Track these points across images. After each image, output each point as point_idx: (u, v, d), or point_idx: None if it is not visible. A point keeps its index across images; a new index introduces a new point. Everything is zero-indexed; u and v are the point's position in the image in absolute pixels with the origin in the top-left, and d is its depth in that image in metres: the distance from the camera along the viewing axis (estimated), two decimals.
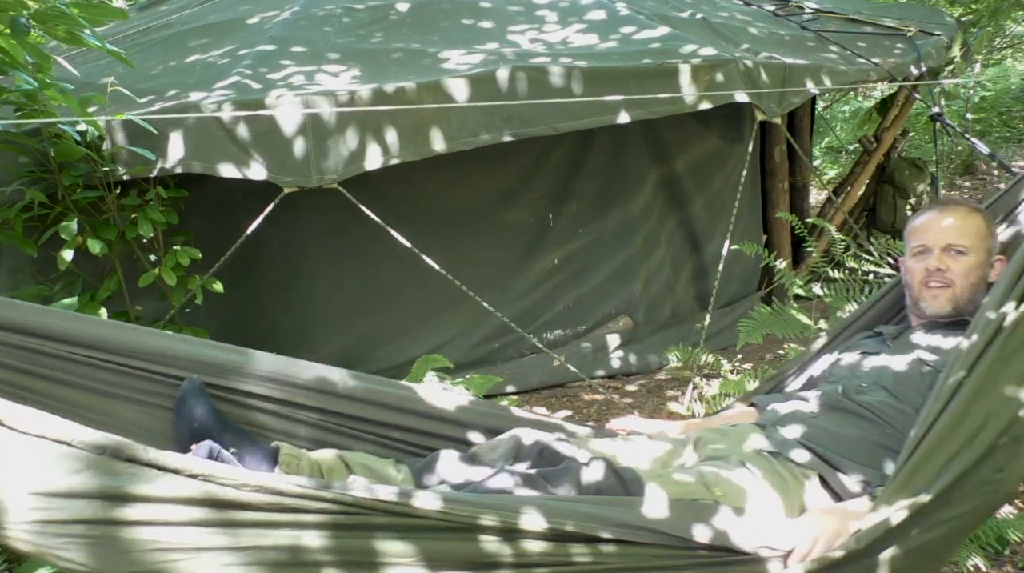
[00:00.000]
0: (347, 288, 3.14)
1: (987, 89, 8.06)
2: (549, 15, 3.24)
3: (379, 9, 3.18)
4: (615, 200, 3.48)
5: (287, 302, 3.10)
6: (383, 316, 3.21)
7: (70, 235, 2.23)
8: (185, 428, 1.41)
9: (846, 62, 3.34)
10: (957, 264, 1.59)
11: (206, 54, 2.89)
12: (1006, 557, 2.23)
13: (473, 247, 3.25)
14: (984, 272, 1.60)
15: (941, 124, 3.57)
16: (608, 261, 3.52)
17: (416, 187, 3.05)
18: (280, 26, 3.01)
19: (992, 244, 1.62)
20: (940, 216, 1.64)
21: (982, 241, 1.60)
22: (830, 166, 8.04)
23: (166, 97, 2.45)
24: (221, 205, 2.81)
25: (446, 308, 3.21)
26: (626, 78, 2.68)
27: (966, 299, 1.59)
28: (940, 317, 1.62)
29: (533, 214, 3.37)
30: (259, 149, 2.33)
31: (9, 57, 1.90)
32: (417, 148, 2.45)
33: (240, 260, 2.49)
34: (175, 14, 3.57)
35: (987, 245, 1.61)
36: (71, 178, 2.27)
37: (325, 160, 2.36)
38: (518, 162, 3.26)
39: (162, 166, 2.31)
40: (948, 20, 4.15)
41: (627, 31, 3.08)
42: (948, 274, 1.59)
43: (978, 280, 1.59)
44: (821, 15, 3.99)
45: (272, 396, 1.55)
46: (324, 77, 2.55)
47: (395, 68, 2.66)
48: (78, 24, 1.88)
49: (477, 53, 2.77)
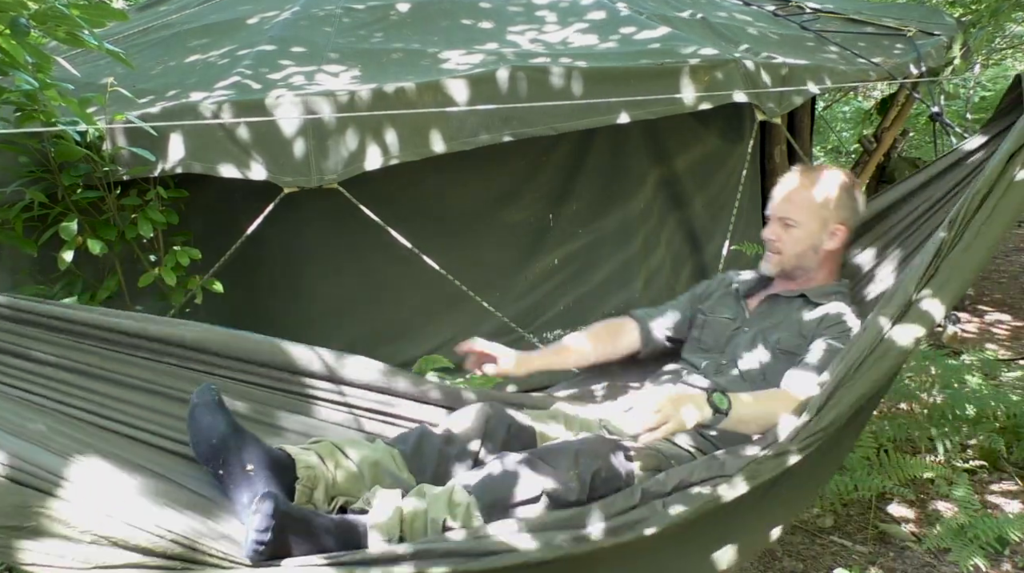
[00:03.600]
0: (347, 288, 3.14)
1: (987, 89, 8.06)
2: (549, 15, 3.24)
3: (379, 9, 3.18)
4: (615, 200, 3.48)
5: (287, 302, 3.10)
6: (383, 316, 3.21)
7: (70, 235, 2.23)
8: (204, 444, 1.39)
9: (846, 62, 3.34)
10: (787, 235, 1.80)
11: (206, 54, 2.89)
12: (1006, 557, 2.23)
13: (473, 247, 3.25)
14: (816, 241, 1.78)
15: (941, 124, 3.56)
16: (608, 261, 3.51)
17: (416, 187, 3.05)
18: (280, 26, 3.01)
19: (828, 214, 1.78)
20: (780, 189, 1.85)
21: (813, 213, 1.78)
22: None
23: (166, 97, 2.45)
24: (221, 205, 2.81)
25: (446, 308, 3.21)
26: (626, 78, 2.68)
27: (792, 266, 1.80)
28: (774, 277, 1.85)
29: (533, 214, 3.37)
30: (259, 149, 2.33)
31: (9, 57, 1.90)
32: (417, 148, 2.45)
33: (240, 260, 2.49)
34: (175, 14, 3.57)
35: (821, 215, 1.78)
36: (71, 178, 2.27)
37: (325, 160, 2.36)
38: (518, 162, 3.26)
39: (162, 166, 2.31)
40: (948, 20, 4.15)
41: (627, 31, 3.07)
42: (778, 243, 1.81)
43: (807, 249, 1.79)
44: (821, 15, 3.99)
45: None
46: (324, 77, 2.55)
47: (395, 68, 2.66)
48: (78, 25, 1.87)
49: (477, 53, 2.77)
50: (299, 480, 1.42)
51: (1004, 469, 2.72)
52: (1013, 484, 2.65)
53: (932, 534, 2.27)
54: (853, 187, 1.83)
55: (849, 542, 2.40)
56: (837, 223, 1.79)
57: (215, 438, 1.38)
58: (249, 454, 1.40)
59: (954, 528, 2.24)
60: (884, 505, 2.58)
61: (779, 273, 1.83)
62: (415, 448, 1.57)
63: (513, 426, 1.66)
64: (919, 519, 2.49)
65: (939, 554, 2.28)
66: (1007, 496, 2.58)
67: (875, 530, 2.43)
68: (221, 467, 1.38)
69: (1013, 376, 3.38)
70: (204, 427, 1.40)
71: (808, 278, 1.83)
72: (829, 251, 1.81)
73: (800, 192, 1.80)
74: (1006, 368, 3.49)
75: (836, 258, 1.85)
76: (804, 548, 2.38)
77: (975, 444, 2.79)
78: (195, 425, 1.40)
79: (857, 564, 2.27)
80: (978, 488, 2.58)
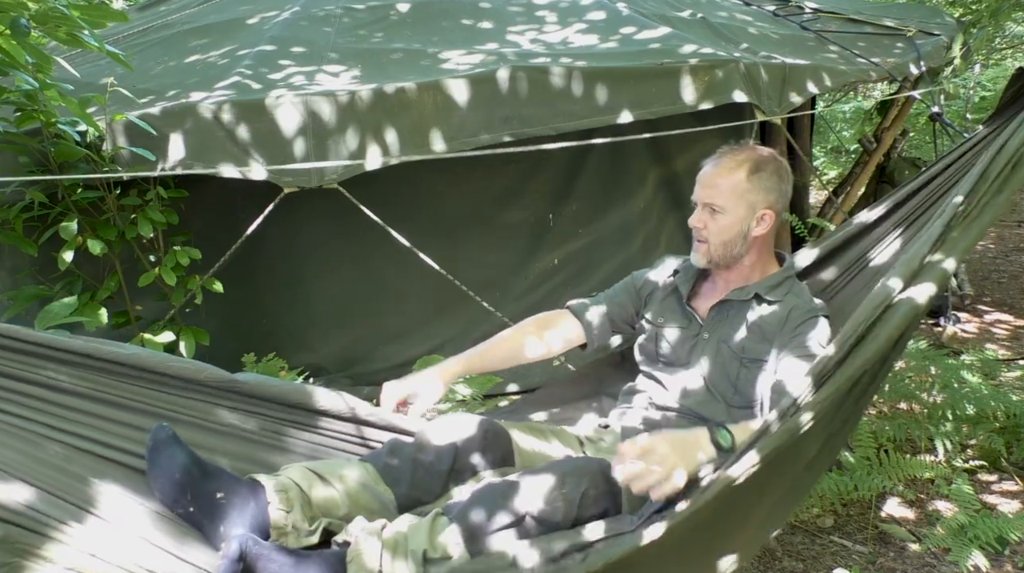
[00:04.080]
0: (347, 288, 3.15)
1: (987, 89, 8.06)
2: (549, 15, 3.24)
3: (379, 9, 3.18)
4: (615, 200, 3.48)
5: (287, 302, 3.10)
6: (383, 316, 3.21)
7: (70, 235, 2.23)
8: (167, 483, 1.33)
9: (846, 62, 3.34)
10: (713, 222, 1.67)
11: (206, 54, 2.90)
12: (1006, 557, 2.23)
13: (473, 247, 3.25)
14: (743, 227, 1.65)
15: (941, 124, 3.57)
16: (608, 261, 3.52)
17: (416, 187, 3.05)
18: (280, 26, 3.01)
19: (754, 199, 1.65)
20: (705, 172, 1.71)
21: (739, 198, 1.64)
22: (830, 166, 8.05)
23: (166, 97, 2.45)
24: (221, 205, 2.82)
25: (446, 308, 3.21)
26: (626, 78, 2.68)
27: (719, 254, 1.68)
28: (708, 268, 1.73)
29: (533, 214, 3.37)
30: (259, 149, 2.33)
31: (9, 58, 1.90)
32: (417, 148, 2.45)
33: (240, 260, 2.49)
34: (175, 14, 3.57)
35: (748, 200, 1.65)
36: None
37: (325, 160, 2.36)
38: (518, 162, 3.26)
39: (162, 166, 2.31)
40: (948, 20, 4.14)
41: (627, 31, 3.08)
42: (703, 231, 1.68)
43: (734, 236, 1.66)
44: (821, 15, 3.99)
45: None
46: (324, 77, 2.55)
47: (395, 68, 2.66)
48: (78, 26, 1.88)
49: (477, 53, 2.77)
50: (271, 503, 1.37)
51: (1004, 469, 2.72)
52: (1013, 484, 2.64)
53: (932, 534, 2.27)
54: (780, 168, 1.70)
55: (849, 542, 2.40)
56: (765, 207, 1.66)
57: (177, 472, 1.32)
58: (216, 482, 1.35)
59: (954, 528, 2.24)
60: (884, 505, 2.58)
61: (709, 263, 1.71)
62: (389, 460, 1.52)
63: (489, 431, 1.60)
64: (919, 519, 2.49)
65: (939, 554, 2.28)
66: (1007, 496, 2.58)
67: (875, 530, 2.43)
68: (191, 502, 1.32)
69: (1013, 376, 3.38)
70: (164, 465, 1.33)
71: (745, 267, 1.71)
72: (758, 237, 1.68)
73: (725, 176, 1.66)
74: (1006, 368, 3.48)
75: (767, 242, 1.72)
76: (804, 548, 2.38)
77: (975, 444, 2.79)
78: (155, 468, 1.34)
79: (857, 564, 2.27)
80: (978, 488, 2.57)
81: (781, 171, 1.70)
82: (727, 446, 1.38)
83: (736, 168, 1.66)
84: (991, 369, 3.28)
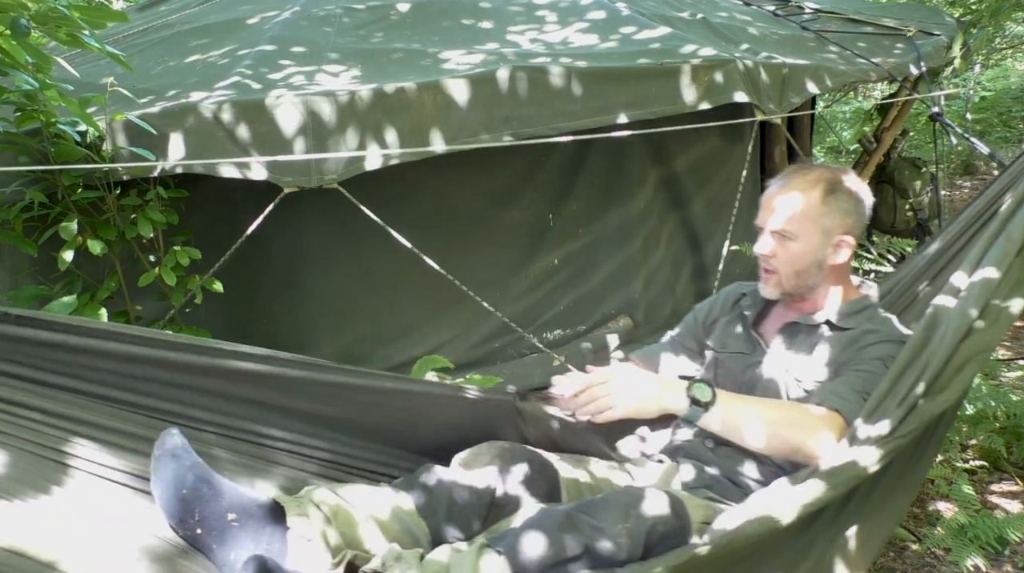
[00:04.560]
0: (347, 288, 3.14)
1: (987, 89, 8.06)
2: (549, 15, 3.24)
3: (379, 9, 3.18)
4: (615, 200, 3.48)
5: (287, 302, 3.10)
6: (383, 316, 3.21)
7: (70, 235, 2.22)
8: (173, 499, 1.18)
9: (846, 62, 3.34)
10: (783, 250, 1.50)
11: (206, 54, 2.89)
12: (1006, 557, 2.23)
13: (473, 247, 3.25)
14: (818, 256, 1.49)
15: (941, 124, 3.56)
16: (608, 261, 3.52)
17: (416, 187, 3.05)
18: (280, 26, 3.01)
19: (830, 223, 1.47)
20: (774, 192, 1.51)
21: (814, 222, 1.47)
22: None
23: (166, 97, 2.45)
24: (221, 205, 2.81)
25: (446, 308, 3.21)
26: (626, 78, 2.68)
27: (793, 285, 1.52)
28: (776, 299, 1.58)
29: (533, 214, 3.37)
30: (259, 149, 2.33)
31: (9, 58, 1.90)
32: (417, 148, 2.45)
33: (240, 260, 2.48)
34: (175, 14, 3.57)
35: (822, 226, 1.47)
36: (71, 178, 2.27)
37: (325, 160, 2.36)
38: (518, 162, 3.26)
39: (162, 166, 2.31)
40: (948, 20, 4.15)
41: (627, 31, 3.08)
42: (772, 260, 1.51)
43: (808, 265, 1.49)
44: (821, 15, 3.99)
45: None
46: (324, 77, 2.55)
47: (395, 68, 2.66)
48: (78, 26, 1.88)
49: (477, 53, 2.77)
50: (290, 529, 1.22)
51: (1004, 469, 2.72)
52: (1013, 484, 2.64)
53: (932, 534, 2.27)
54: (858, 189, 1.52)
55: None
56: (843, 233, 1.49)
57: (185, 488, 1.17)
58: (229, 502, 1.19)
59: (954, 528, 2.24)
60: None
61: (781, 294, 1.55)
62: (424, 490, 1.37)
63: (534, 462, 1.45)
64: (919, 519, 2.49)
65: (939, 554, 2.28)
66: (1007, 496, 2.58)
67: None
68: (198, 524, 1.17)
69: (1013, 376, 3.38)
70: (170, 478, 1.18)
71: (819, 296, 1.54)
72: (835, 266, 1.51)
73: (797, 198, 1.48)
74: (1006, 368, 3.48)
75: (845, 270, 1.56)
76: None
77: (975, 444, 2.79)
78: (160, 481, 1.20)
79: None
80: (978, 488, 2.57)
81: (859, 191, 1.52)
82: (704, 400, 1.32)
83: (809, 189, 1.48)
84: (991, 369, 3.28)
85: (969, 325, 1.22)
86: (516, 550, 1.19)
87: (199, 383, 1.39)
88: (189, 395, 1.39)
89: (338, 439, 1.52)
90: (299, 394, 1.47)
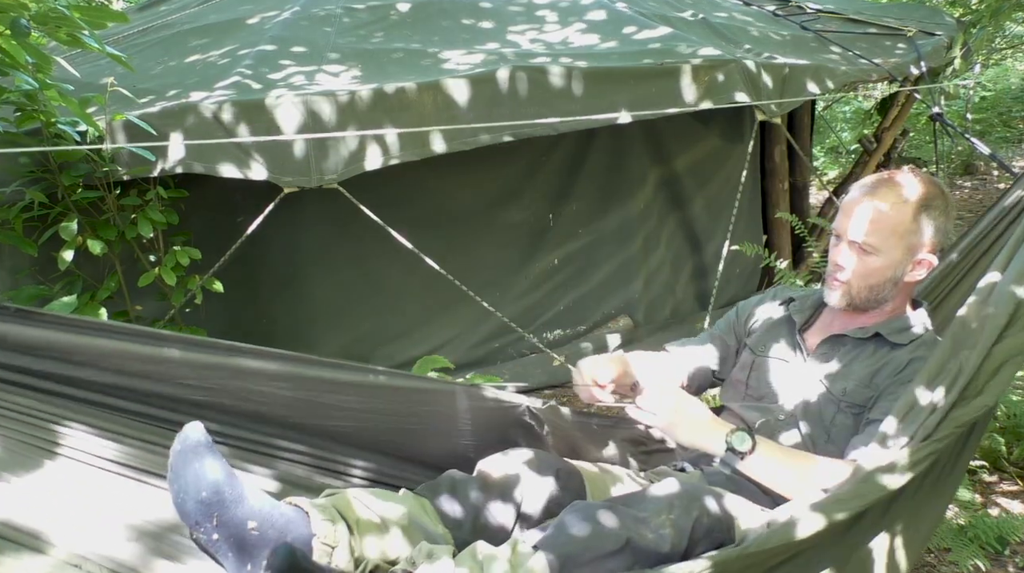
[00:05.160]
0: (347, 288, 3.15)
1: (987, 89, 8.05)
2: (549, 15, 3.24)
3: (379, 9, 3.18)
4: (615, 200, 3.48)
5: (287, 302, 3.10)
6: (383, 316, 3.21)
7: (70, 235, 2.22)
8: (191, 501, 1.12)
9: (847, 62, 3.34)
10: (861, 264, 1.43)
11: (206, 54, 2.89)
12: (1006, 557, 2.23)
13: (473, 247, 3.25)
14: (897, 273, 1.43)
15: (941, 124, 3.56)
16: (608, 261, 3.52)
17: (416, 187, 3.05)
18: (280, 26, 3.01)
19: (916, 241, 1.41)
20: (864, 202, 1.43)
21: (899, 239, 1.40)
22: (830, 166, 8.04)
23: (166, 97, 2.45)
24: (221, 205, 2.82)
25: (446, 308, 3.21)
26: (626, 78, 2.68)
27: (863, 298, 1.46)
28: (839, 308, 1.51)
29: (533, 214, 3.37)
30: (259, 149, 2.33)
31: (9, 58, 1.90)
32: (417, 148, 2.45)
33: (240, 260, 2.49)
34: (175, 14, 3.57)
35: (907, 243, 1.41)
36: (71, 178, 2.27)
37: (325, 160, 2.36)
38: (518, 162, 3.26)
39: (162, 166, 2.31)
40: (948, 20, 4.14)
41: (627, 31, 3.08)
42: (846, 272, 1.45)
43: (883, 281, 1.44)
44: (821, 15, 3.99)
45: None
46: (324, 77, 2.55)
47: (395, 68, 2.66)
48: (78, 26, 1.87)
49: (477, 53, 2.77)
50: (316, 536, 1.17)
51: (1004, 469, 2.72)
52: (1013, 484, 2.64)
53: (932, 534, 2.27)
54: (948, 205, 1.44)
55: None
56: (927, 252, 1.42)
57: (205, 490, 1.11)
58: (251, 508, 1.13)
59: (954, 528, 2.24)
60: None
61: (848, 305, 1.48)
62: (448, 497, 1.33)
63: (562, 471, 1.41)
64: None
65: (939, 554, 2.28)
66: (1007, 496, 2.58)
67: None
68: (215, 529, 1.12)
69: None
70: (190, 478, 1.12)
71: (883, 313, 1.49)
72: (910, 283, 1.46)
73: (887, 211, 1.40)
74: None
75: (913, 288, 1.50)
76: None
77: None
78: (178, 479, 1.14)
79: None
80: (978, 488, 2.57)
81: (949, 208, 1.44)
82: (741, 450, 1.30)
83: (901, 203, 1.40)
84: None
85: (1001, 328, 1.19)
86: (552, 546, 1.15)
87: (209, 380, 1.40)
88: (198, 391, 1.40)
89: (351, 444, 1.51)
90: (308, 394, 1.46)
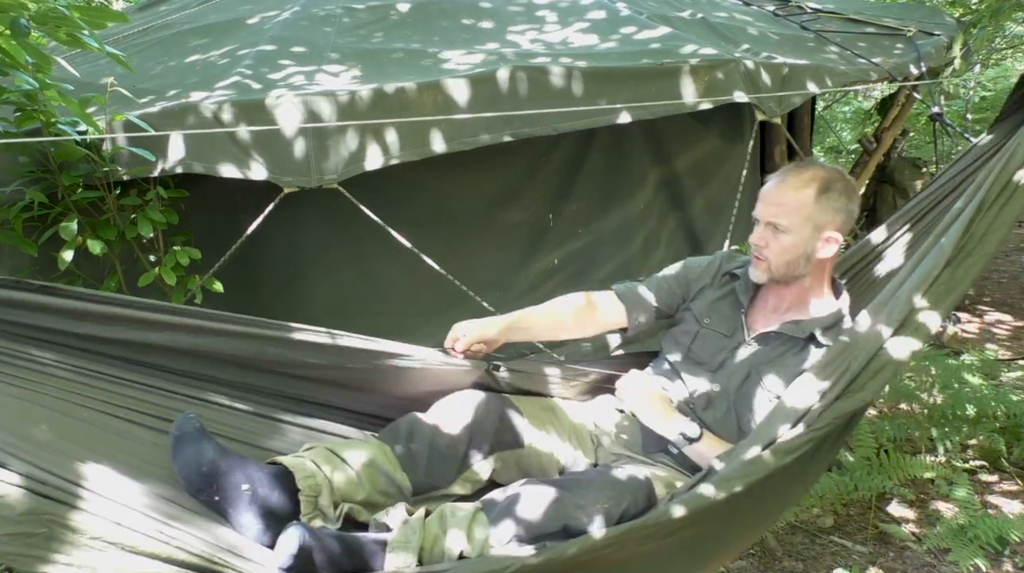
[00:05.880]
0: (347, 288, 3.14)
1: (987, 89, 8.05)
2: (549, 15, 3.24)
3: (379, 9, 3.18)
4: (615, 200, 3.48)
5: (287, 302, 3.10)
6: (383, 316, 3.21)
7: (70, 235, 2.23)
8: (194, 474, 1.36)
9: (846, 62, 3.34)
10: (776, 242, 1.63)
11: (206, 54, 2.89)
12: (1006, 557, 2.23)
13: (473, 247, 3.25)
14: (807, 249, 1.61)
15: (941, 124, 3.57)
16: (608, 261, 3.51)
17: (416, 187, 3.05)
18: (280, 26, 3.01)
19: (821, 219, 1.60)
20: (769, 189, 1.66)
21: (806, 218, 1.59)
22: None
23: (166, 97, 2.45)
24: (221, 205, 2.81)
25: (446, 308, 3.20)
26: (626, 78, 2.68)
27: (781, 273, 1.65)
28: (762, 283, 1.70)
29: (533, 214, 3.37)
30: (259, 149, 2.33)
31: (9, 58, 1.90)
32: (417, 148, 2.45)
33: (240, 260, 2.49)
34: (175, 14, 3.57)
35: (814, 222, 1.59)
36: (71, 178, 2.27)
37: (325, 160, 2.36)
38: (518, 162, 3.26)
39: (162, 166, 2.31)
40: (948, 20, 4.15)
41: (627, 31, 3.08)
42: (765, 250, 1.64)
43: (796, 257, 1.62)
44: (821, 15, 3.99)
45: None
46: (324, 77, 2.55)
47: (395, 68, 2.66)
48: (78, 26, 1.87)
49: (477, 53, 2.77)
50: (301, 491, 1.40)
51: (1004, 469, 2.72)
52: (1013, 484, 2.65)
53: (932, 534, 2.27)
54: (849, 187, 1.64)
55: (849, 542, 2.40)
56: (833, 230, 1.61)
57: (204, 465, 1.35)
58: (243, 474, 1.37)
59: (954, 528, 2.24)
60: (884, 505, 2.58)
61: (769, 280, 1.68)
62: (406, 444, 1.57)
63: (504, 420, 1.66)
64: (919, 519, 2.49)
65: (939, 554, 2.28)
66: (1007, 496, 2.58)
67: (875, 530, 2.43)
68: (216, 493, 1.35)
69: (1013, 376, 3.39)
70: (190, 457, 1.36)
71: (803, 289, 1.68)
72: (822, 260, 1.64)
73: (791, 194, 1.60)
74: (1006, 368, 3.49)
75: (830, 265, 1.69)
76: (804, 548, 2.38)
77: (975, 444, 2.79)
78: (180, 457, 1.37)
79: (857, 564, 2.27)
80: (978, 488, 2.57)
81: (850, 191, 1.63)
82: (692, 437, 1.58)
83: (803, 187, 1.60)
84: (991, 369, 3.28)
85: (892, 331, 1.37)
86: (501, 520, 1.39)
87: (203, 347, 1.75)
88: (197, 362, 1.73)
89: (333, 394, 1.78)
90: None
